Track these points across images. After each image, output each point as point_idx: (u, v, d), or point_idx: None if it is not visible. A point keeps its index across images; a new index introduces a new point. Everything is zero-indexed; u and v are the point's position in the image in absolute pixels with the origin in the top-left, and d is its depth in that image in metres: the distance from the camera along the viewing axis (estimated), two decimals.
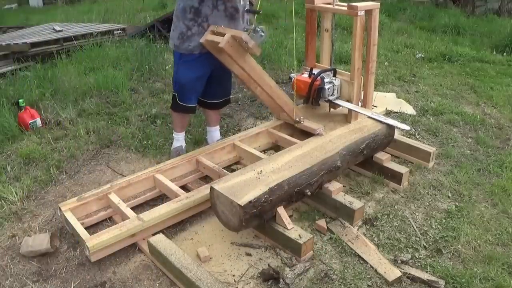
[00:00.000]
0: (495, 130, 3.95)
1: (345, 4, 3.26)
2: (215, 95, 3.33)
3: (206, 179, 3.11)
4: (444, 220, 2.73)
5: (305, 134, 3.26)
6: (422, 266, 2.36)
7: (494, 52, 6.46)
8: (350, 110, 3.40)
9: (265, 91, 3.14)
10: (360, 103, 3.49)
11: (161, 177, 2.88)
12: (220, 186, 2.36)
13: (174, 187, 2.79)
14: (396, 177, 3.01)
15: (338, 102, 3.44)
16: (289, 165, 2.55)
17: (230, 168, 3.22)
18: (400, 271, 2.30)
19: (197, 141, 3.67)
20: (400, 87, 4.98)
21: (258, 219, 2.35)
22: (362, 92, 3.52)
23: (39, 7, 13.33)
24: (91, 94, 4.61)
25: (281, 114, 3.40)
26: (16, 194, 2.96)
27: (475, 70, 5.60)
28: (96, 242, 2.30)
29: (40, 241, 2.46)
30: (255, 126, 3.79)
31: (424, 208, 2.85)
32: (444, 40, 7.09)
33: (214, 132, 3.55)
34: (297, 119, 3.31)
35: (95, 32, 6.45)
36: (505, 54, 6.38)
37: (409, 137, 3.64)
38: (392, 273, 2.29)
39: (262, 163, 2.63)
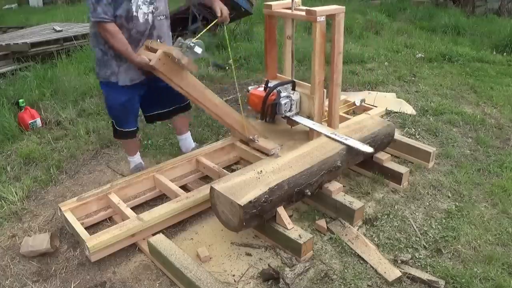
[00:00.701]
0: (495, 130, 3.95)
1: (305, 8, 2.94)
2: (163, 105, 3.08)
3: (206, 179, 3.11)
4: (444, 220, 2.73)
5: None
6: (422, 266, 2.36)
7: (494, 52, 6.45)
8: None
9: (210, 110, 2.93)
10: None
11: (161, 177, 2.88)
12: (220, 186, 2.36)
13: (174, 187, 2.79)
14: (396, 177, 3.01)
15: (296, 119, 3.13)
16: (289, 165, 2.55)
17: (230, 168, 3.22)
18: (400, 271, 2.30)
19: (197, 141, 3.67)
20: (400, 87, 4.98)
21: (258, 219, 2.35)
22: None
23: (39, 7, 13.33)
24: (91, 94, 4.61)
25: (236, 132, 3.16)
26: (16, 194, 2.96)
27: (475, 70, 5.60)
28: (96, 242, 2.30)
29: (40, 241, 2.46)
30: None
31: (424, 208, 2.85)
32: (444, 40, 7.09)
33: (186, 140, 3.35)
34: (251, 137, 3.07)
35: None
36: (505, 54, 6.37)
37: (409, 137, 3.64)
38: (392, 273, 2.29)
39: (262, 163, 2.63)
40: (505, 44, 6.52)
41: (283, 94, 3.07)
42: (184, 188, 2.94)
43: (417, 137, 3.76)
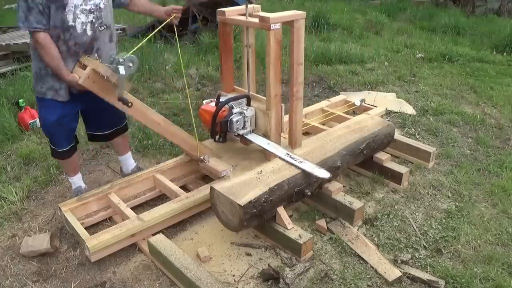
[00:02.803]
0: (495, 130, 3.95)
1: (259, 15, 2.65)
2: (104, 126, 2.88)
3: (206, 179, 3.11)
4: (444, 220, 2.73)
5: (306, 133, 3.24)
6: (422, 266, 2.36)
7: (494, 52, 6.46)
8: None
9: (153, 129, 2.76)
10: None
11: (161, 177, 2.88)
12: (220, 186, 2.36)
13: (174, 187, 2.79)
14: (396, 177, 3.01)
15: (250, 137, 2.86)
16: (289, 165, 2.55)
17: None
18: (400, 271, 2.30)
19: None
20: (400, 87, 4.98)
21: (258, 219, 2.35)
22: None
23: None
24: None
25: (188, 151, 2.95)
26: (16, 194, 2.96)
27: (475, 70, 5.61)
28: (96, 242, 2.30)
29: (40, 241, 2.46)
30: None
31: (424, 208, 2.85)
32: (444, 40, 7.10)
33: (127, 160, 3.14)
34: (201, 157, 2.87)
35: None
36: (505, 54, 6.38)
37: (409, 137, 3.64)
38: (392, 273, 2.29)
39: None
40: (505, 44, 6.53)
41: (235, 110, 2.80)
42: (184, 188, 2.94)
43: (417, 137, 3.76)
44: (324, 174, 2.49)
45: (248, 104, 2.89)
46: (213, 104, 2.89)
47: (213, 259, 2.42)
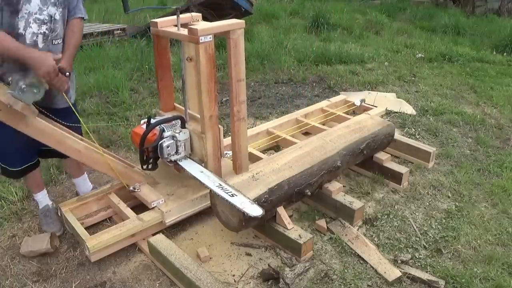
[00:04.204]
0: (495, 130, 3.95)
1: (193, 25, 2.31)
2: None
3: None
4: (444, 220, 2.73)
5: (306, 133, 3.25)
6: (422, 266, 2.36)
7: (494, 52, 6.46)
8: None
9: (74, 158, 2.47)
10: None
11: None
12: None
13: None
14: (396, 177, 3.01)
15: (183, 164, 2.53)
16: (289, 165, 2.55)
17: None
18: (400, 271, 2.30)
19: None
20: (400, 87, 4.98)
21: (258, 219, 2.35)
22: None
23: None
24: (91, 94, 4.61)
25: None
26: (16, 194, 2.96)
27: (475, 70, 5.61)
28: (96, 242, 2.30)
29: (40, 241, 2.46)
30: (255, 126, 3.79)
31: (424, 208, 2.86)
32: (444, 40, 7.10)
33: (83, 183, 2.89)
34: (130, 188, 2.63)
35: (95, 32, 6.46)
36: (505, 54, 6.38)
37: (409, 137, 3.64)
38: (392, 273, 2.29)
39: (262, 163, 2.63)
40: (505, 44, 6.53)
41: (166, 133, 2.49)
42: None
43: (417, 137, 3.76)
44: (255, 211, 2.13)
45: (183, 126, 2.56)
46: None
47: (213, 259, 2.42)
